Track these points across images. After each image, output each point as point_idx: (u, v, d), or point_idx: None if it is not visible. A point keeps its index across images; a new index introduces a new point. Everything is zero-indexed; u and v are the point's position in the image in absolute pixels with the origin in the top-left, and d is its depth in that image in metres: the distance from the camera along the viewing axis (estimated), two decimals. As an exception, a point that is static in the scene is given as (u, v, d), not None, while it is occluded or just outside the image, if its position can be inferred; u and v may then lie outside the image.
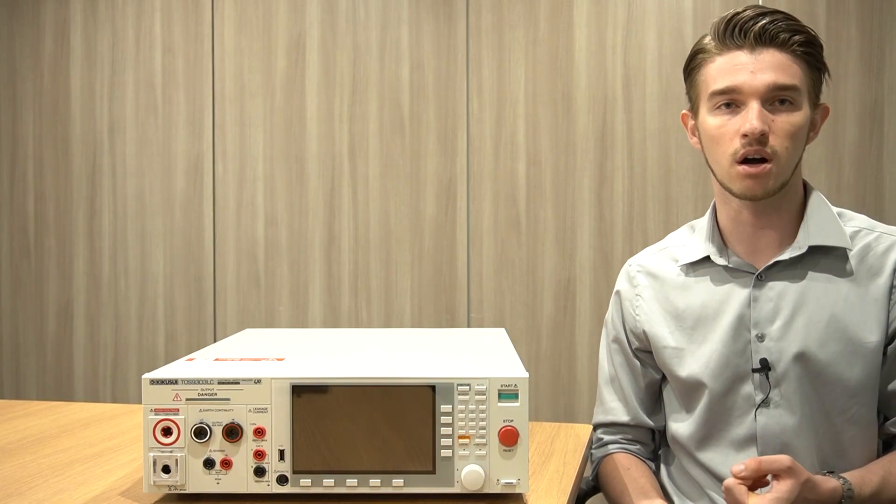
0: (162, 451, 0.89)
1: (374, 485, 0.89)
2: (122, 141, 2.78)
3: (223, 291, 2.71)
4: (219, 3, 2.71)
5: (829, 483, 1.05)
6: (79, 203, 2.82)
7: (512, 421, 0.89)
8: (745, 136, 1.08)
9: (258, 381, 0.89)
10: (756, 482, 1.03)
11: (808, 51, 1.11)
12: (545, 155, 2.49)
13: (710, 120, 1.14)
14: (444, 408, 0.89)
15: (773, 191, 1.11)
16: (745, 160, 1.10)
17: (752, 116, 1.08)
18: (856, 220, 1.19)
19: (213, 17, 2.71)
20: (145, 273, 2.77)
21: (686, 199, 2.39)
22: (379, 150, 2.60)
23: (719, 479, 1.17)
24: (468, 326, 2.56)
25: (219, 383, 0.89)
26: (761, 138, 1.08)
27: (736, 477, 1.02)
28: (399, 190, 2.59)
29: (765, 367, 1.13)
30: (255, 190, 2.69)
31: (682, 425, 1.22)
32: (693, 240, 1.24)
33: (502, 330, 1.30)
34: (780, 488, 1.00)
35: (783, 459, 1.01)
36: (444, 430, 0.89)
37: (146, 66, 2.76)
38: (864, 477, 1.09)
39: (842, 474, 1.08)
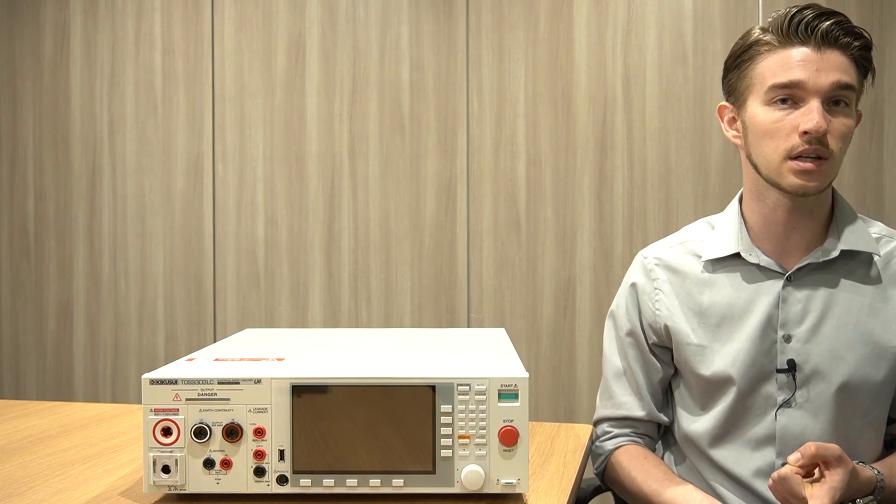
0: (162, 451, 0.89)
1: (374, 485, 0.89)
2: (122, 141, 2.78)
3: (223, 291, 2.71)
4: (219, 3, 2.71)
5: (867, 472, 1.07)
6: (79, 203, 2.82)
7: (512, 421, 0.89)
8: (805, 133, 1.08)
9: (258, 381, 0.89)
10: (807, 473, 1.04)
11: (865, 55, 1.12)
12: (545, 155, 2.49)
13: (765, 114, 1.12)
14: (444, 408, 0.89)
15: (822, 188, 1.11)
16: (799, 156, 1.09)
17: (815, 114, 1.07)
18: (875, 227, 1.20)
19: (213, 17, 2.71)
20: (145, 273, 2.77)
21: (686, 199, 2.39)
22: (379, 150, 2.60)
23: (731, 476, 1.17)
24: (468, 326, 2.56)
25: (219, 383, 0.89)
26: (821, 137, 1.08)
27: (793, 466, 1.02)
28: (399, 190, 2.59)
29: (791, 367, 1.13)
30: (255, 190, 2.69)
31: (696, 422, 1.21)
32: (717, 236, 1.23)
33: (502, 330, 1.30)
34: (835, 478, 1.01)
35: (834, 448, 1.02)
36: (444, 430, 0.89)
37: (146, 66, 2.76)
38: (893, 469, 1.11)
39: (872, 465, 1.10)
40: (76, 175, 2.82)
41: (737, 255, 1.19)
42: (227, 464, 0.89)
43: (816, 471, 1.03)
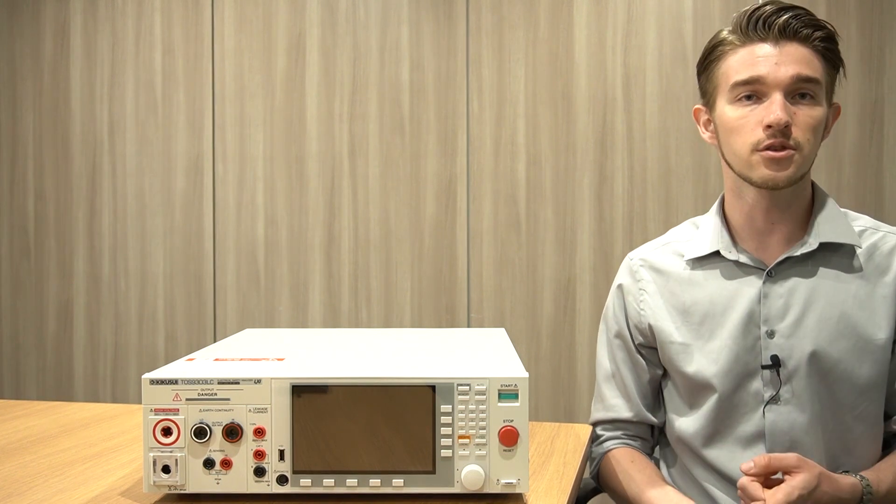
0: (162, 451, 0.89)
1: (374, 485, 0.89)
2: (122, 141, 2.78)
3: (223, 291, 2.71)
4: (219, 3, 2.71)
5: (848, 479, 1.06)
6: (79, 203, 2.82)
7: (512, 421, 0.89)
8: (768, 126, 1.08)
9: (258, 381, 0.89)
10: (769, 480, 1.04)
11: (829, 47, 1.12)
12: (545, 155, 2.49)
13: (731, 111, 1.13)
14: (444, 408, 0.89)
15: (793, 179, 1.11)
16: (766, 149, 1.10)
17: (776, 107, 1.08)
18: (860, 220, 1.20)
19: (213, 17, 2.71)
20: (145, 273, 2.77)
21: (686, 199, 2.39)
22: (379, 150, 2.60)
23: (725, 476, 1.17)
24: (468, 326, 2.56)
25: (219, 383, 0.89)
26: (785, 130, 1.08)
27: (746, 474, 1.03)
28: (399, 190, 2.59)
29: (775, 363, 1.13)
30: (255, 190, 2.69)
31: (686, 422, 1.21)
32: (699, 235, 1.24)
33: (502, 330, 1.30)
34: (796, 479, 1.01)
35: (790, 457, 1.02)
36: (444, 430, 0.89)
37: (146, 66, 2.76)
38: (879, 475, 1.10)
39: (859, 473, 1.08)
40: (76, 175, 2.82)
41: (717, 254, 1.20)
42: (227, 464, 0.89)
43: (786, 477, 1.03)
